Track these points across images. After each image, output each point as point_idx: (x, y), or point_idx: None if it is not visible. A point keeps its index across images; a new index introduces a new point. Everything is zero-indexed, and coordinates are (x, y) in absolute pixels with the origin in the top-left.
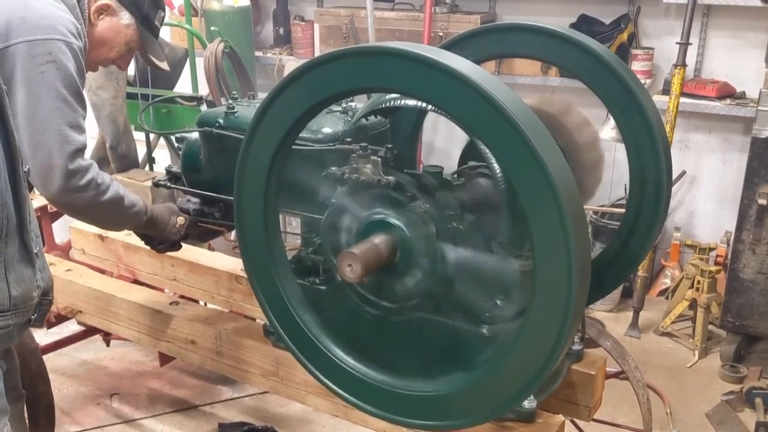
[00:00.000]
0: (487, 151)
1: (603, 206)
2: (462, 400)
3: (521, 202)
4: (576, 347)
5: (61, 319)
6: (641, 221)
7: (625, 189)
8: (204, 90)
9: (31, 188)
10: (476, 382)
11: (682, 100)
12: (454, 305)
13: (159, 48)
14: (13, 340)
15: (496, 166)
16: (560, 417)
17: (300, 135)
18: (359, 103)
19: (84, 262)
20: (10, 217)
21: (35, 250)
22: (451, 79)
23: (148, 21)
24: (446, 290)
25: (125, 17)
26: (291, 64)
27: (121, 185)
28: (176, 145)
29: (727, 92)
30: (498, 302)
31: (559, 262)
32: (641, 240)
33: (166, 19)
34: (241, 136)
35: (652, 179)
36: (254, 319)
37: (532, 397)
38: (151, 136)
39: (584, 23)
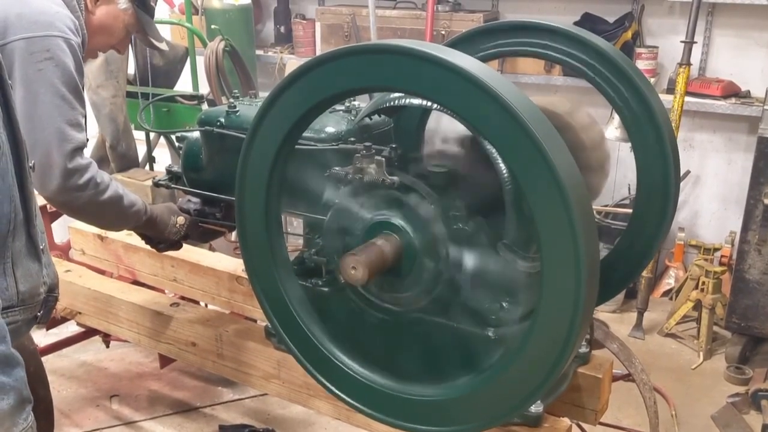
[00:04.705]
0: (493, 150)
1: (607, 206)
2: (468, 405)
3: (528, 202)
4: (583, 350)
5: (60, 320)
6: (648, 221)
7: (629, 189)
8: (204, 89)
9: None
10: (482, 386)
11: (687, 99)
12: (460, 308)
13: (156, 28)
14: (21, 336)
15: (502, 165)
16: (566, 421)
17: (302, 134)
18: (362, 102)
19: (83, 263)
20: (17, 211)
21: (41, 246)
22: (459, 77)
23: (143, 2)
24: (451, 293)
25: (122, 2)
26: (292, 62)
27: (120, 184)
28: (177, 144)
29: (731, 91)
30: (504, 305)
31: (568, 263)
32: (648, 240)
33: (167, 17)
34: (243, 136)
35: (660, 178)
36: (255, 321)
37: (538, 401)
38: (152, 135)
39: (588, 22)
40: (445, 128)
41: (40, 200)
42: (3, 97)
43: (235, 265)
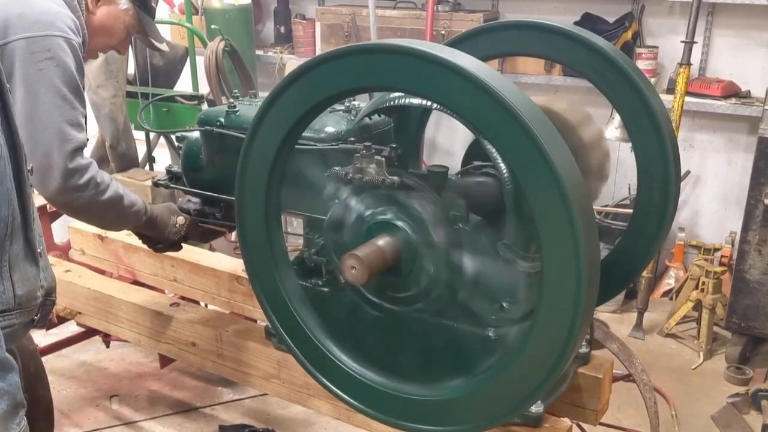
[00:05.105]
0: (493, 150)
1: (607, 206)
2: (468, 405)
3: (528, 202)
4: (583, 350)
5: (60, 320)
6: (649, 221)
7: (629, 189)
8: (204, 89)
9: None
10: (482, 386)
11: (687, 99)
12: (460, 308)
13: (157, 29)
14: (17, 340)
15: (502, 165)
16: (566, 421)
17: (302, 134)
18: (362, 102)
19: (83, 263)
20: (15, 215)
21: (39, 249)
22: (459, 77)
23: (144, 3)
24: (451, 293)
25: (123, 2)
26: (292, 62)
27: (120, 184)
28: (176, 144)
29: (732, 91)
30: (504, 305)
31: (568, 263)
32: (648, 240)
33: (167, 17)
34: (243, 136)
35: (660, 178)
36: (255, 321)
37: (538, 401)
38: (151, 135)
39: (588, 21)
40: None
41: (38, 201)
42: (1, 101)
43: (235, 265)
